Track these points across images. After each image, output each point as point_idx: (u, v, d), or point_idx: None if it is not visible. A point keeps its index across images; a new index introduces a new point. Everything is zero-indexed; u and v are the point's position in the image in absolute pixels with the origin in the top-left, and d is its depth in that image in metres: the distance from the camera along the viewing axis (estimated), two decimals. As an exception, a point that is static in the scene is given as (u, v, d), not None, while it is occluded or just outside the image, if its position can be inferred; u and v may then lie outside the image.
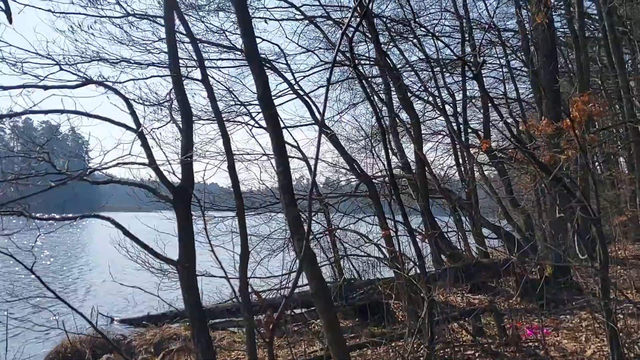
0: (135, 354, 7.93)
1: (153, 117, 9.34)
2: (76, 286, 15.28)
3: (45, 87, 4.71)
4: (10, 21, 3.98)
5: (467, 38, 12.17)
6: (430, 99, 12.17)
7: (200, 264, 4.87)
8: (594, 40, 14.27)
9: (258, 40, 8.09)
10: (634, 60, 12.12)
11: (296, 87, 10.51)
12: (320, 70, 11.97)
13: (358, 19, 9.07)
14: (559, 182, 5.43)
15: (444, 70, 12.72)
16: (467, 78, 12.16)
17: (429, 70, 12.43)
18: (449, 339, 6.47)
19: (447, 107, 12.29)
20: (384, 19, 11.39)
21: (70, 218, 5.37)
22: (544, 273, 8.18)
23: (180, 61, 8.99)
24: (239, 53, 10.01)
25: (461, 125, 12.41)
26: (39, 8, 6.57)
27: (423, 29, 12.07)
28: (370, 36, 9.57)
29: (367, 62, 11.42)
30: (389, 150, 6.38)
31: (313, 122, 10.43)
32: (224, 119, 9.96)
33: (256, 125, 10.54)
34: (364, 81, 6.81)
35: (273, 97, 5.57)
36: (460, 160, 12.59)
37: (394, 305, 8.26)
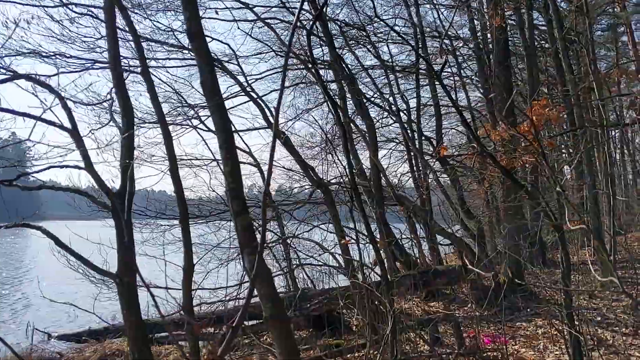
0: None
1: (97, 120, 8.73)
2: (20, 298, 14.16)
3: (-37, 82, 4.19)
4: None
5: (421, 45, 12.17)
6: (385, 104, 12.09)
7: (149, 274, 4.43)
8: (541, 51, 14.62)
9: (208, 39, 7.65)
10: (579, 70, 12.45)
11: (248, 89, 10.12)
12: (273, 74, 11.64)
13: (311, 22, 8.84)
14: (519, 186, 5.34)
15: (398, 76, 12.69)
16: (421, 85, 12.17)
17: (384, 76, 12.37)
18: (406, 350, 6.26)
19: (401, 114, 12.24)
20: (338, 23, 11.23)
21: (-6, 227, 4.86)
22: (498, 280, 8.12)
23: (124, 61, 8.48)
24: (187, 52, 9.54)
25: (415, 133, 12.37)
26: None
27: (378, 36, 12.02)
28: (324, 39, 9.35)
29: (323, 66, 11.18)
30: (350, 154, 6.13)
31: (266, 125, 10.05)
32: (171, 122, 9.47)
33: (204, 128, 10.06)
34: (321, 82, 6.54)
35: (223, 99, 5.17)
36: (415, 167, 12.53)
37: (349, 316, 7.99)
